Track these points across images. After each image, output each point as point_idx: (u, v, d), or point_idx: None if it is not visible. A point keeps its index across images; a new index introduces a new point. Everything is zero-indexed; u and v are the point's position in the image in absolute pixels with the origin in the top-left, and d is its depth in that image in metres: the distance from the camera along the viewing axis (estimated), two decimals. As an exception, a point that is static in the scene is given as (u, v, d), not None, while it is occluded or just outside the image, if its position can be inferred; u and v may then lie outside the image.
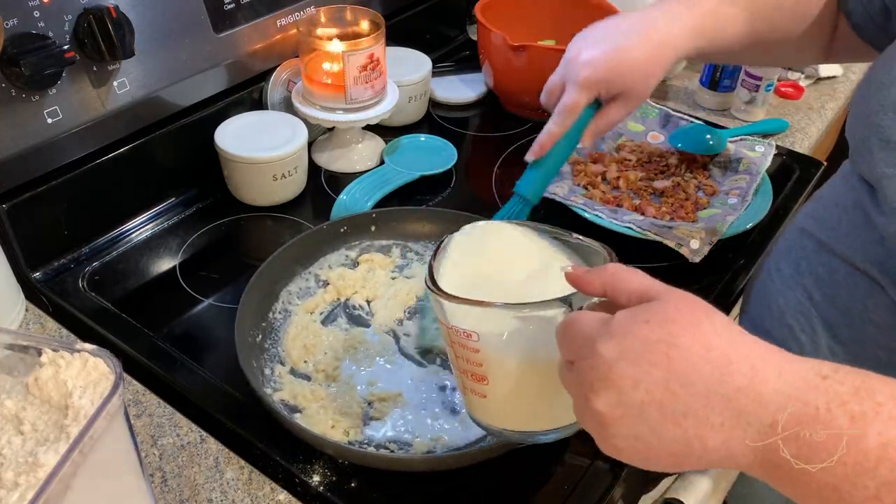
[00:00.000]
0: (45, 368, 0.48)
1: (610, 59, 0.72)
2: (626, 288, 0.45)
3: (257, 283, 0.74)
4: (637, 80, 0.73)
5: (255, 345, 0.72)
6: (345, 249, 0.84)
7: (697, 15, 0.74)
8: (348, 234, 0.83)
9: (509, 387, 0.53)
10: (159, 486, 0.64)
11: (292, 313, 0.78)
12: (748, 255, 0.89)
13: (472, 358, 0.53)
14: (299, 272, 0.80)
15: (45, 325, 0.78)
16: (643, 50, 0.72)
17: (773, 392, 0.39)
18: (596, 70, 0.72)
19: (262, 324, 0.75)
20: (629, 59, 0.72)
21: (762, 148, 1.02)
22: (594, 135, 0.77)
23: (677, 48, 0.74)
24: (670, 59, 0.74)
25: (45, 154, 0.77)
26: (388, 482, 0.64)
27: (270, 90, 0.99)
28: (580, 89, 0.73)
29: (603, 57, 0.72)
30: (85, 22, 0.73)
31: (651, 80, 0.74)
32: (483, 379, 0.53)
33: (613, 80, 0.73)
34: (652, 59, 0.73)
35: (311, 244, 0.81)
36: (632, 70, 0.73)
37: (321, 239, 0.82)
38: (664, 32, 0.73)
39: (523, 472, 0.66)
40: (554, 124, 0.75)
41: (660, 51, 0.73)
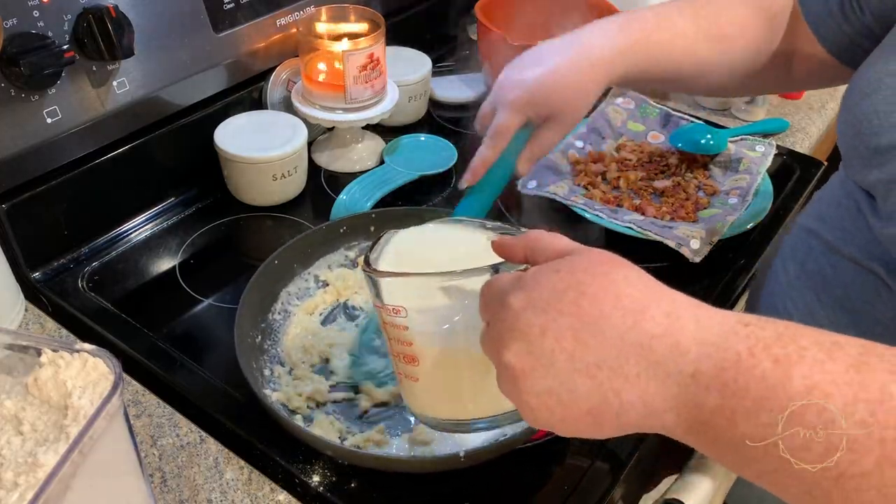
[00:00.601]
0: (45, 368, 0.48)
1: (539, 81, 0.71)
2: (545, 249, 0.45)
3: (256, 283, 0.74)
4: (567, 101, 0.72)
5: (255, 346, 0.72)
6: (344, 250, 0.83)
7: (631, 36, 0.73)
8: (347, 234, 0.83)
9: (440, 367, 0.53)
10: (159, 486, 0.64)
11: (292, 314, 0.78)
12: (748, 255, 0.89)
13: (402, 337, 0.52)
14: (299, 273, 0.80)
15: (45, 325, 0.78)
16: (574, 71, 0.71)
17: (691, 340, 0.37)
18: (524, 92, 0.71)
19: (262, 325, 0.75)
20: (559, 80, 0.71)
21: (762, 148, 1.02)
22: (529, 160, 0.75)
23: (608, 70, 0.72)
24: (603, 79, 0.72)
25: (45, 154, 0.77)
26: (388, 482, 0.64)
27: (270, 90, 0.99)
28: (510, 111, 0.72)
29: (531, 79, 0.72)
30: (84, 22, 0.73)
31: (581, 102, 0.73)
32: (414, 360, 0.53)
33: (543, 102, 0.72)
34: (581, 81, 0.72)
35: (310, 244, 0.81)
36: (561, 91, 0.71)
37: (320, 239, 0.82)
38: (595, 54, 0.72)
39: (523, 473, 0.66)
40: (486, 148, 0.73)
41: (592, 71, 0.72)
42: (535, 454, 0.66)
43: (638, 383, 0.38)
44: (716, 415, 0.36)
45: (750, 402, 0.35)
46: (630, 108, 1.09)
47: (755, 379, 0.35)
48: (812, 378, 0.34)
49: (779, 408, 0.35)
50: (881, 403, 0.33)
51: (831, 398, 0.34)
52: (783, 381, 0.35)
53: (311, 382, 0.70)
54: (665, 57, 0.74)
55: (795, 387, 0.34)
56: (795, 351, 0.35)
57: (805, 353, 0.35)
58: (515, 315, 0.41)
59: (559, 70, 0.71)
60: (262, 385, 0.68)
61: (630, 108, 1.09)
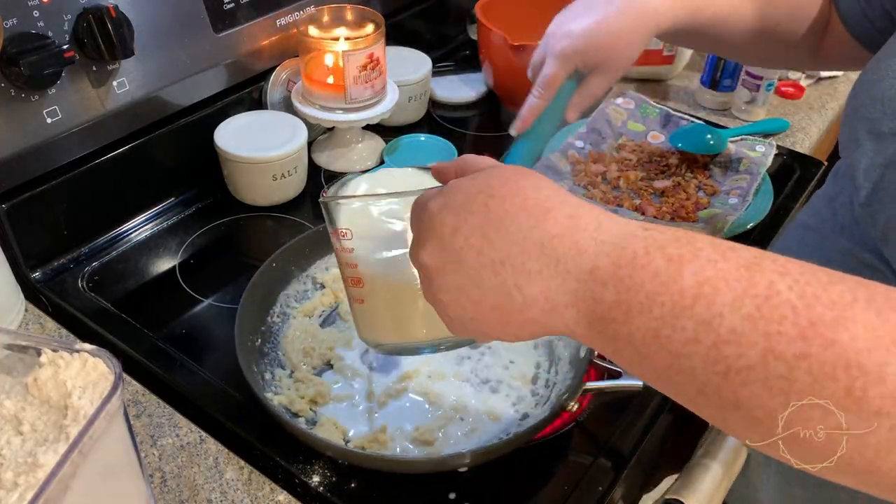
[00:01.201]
0: (45, 369, 0.48)
1: (587, 31, 0.72)
2: (472, 166, 0.48)
3: (255, 287, 0.74)
4: (615, 50, 0.73)
5: (255, 349, 0.72)
6: None
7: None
8: None
9: (382, 288, 0.56)
10: (159, 486, 0.64)
11: (290, 317, 0.77)
12: (748, 255, 0.89)
13: (349, 259, 0.55)
14: (297, 275, 0.80)
15: (45, 326, 0.78)
16: (621, 20, 0.72)
17: (590, 240, 0.39)
18: (573, 41, 0.72)
19: (262, 328, 0.74)
20: (607, 29, 0.72)
21: (763, 148, 1.02)
22: (577, 108, 0.77)
23: (657, 18, 0.73)
24: (650, 28, 0.73)
25: (45, 154, 0.77)
26: (388, 482, 0.64)
27: (270, 90, 0.99)
28: (558, 61, 0.73)
29: (580, 29, 0.73)
30: (84, 22, 0.73)
31: (630, 51, 0.74)
32: (359, 282, 0.56)
33: (591, 51, 0.73)
34: (630, 29, 0.72)
35: (307, 247, 0.80)
36: (610, 40, 0.72)
37: (318, 241, 0.81)
38: (642, 3, 0.72)
39: (523, 473, 0.66)
40: (535, 97, 0.75)
41: (639, 20, 0.72)
42: (535, 454, 0.66)
43: (539, 279, 0.40)
44: (612, 309, 0.38)
45: (643, 296, 0.37)
46: (630, 108, 1.09)
47: (649, 275, 0.37)
48: (703, 274, 0.36)
49: (670, 302, 0.36)
50: (767, 299, 0.34)
51: (720, 293, 0.35)
52: (675, 277, 0.36)
53: (312, 385, 0.70)
54: (712, 12, 0.74)
55: (687, 282, 0.36)
56: (690, 251, 0.37)
57: (699, 253, 0.37)
58: (431, 216, 0.43)
59: (607, 19, 0.72)
60: (263, 389, 0.68)
61: (630, 108, 1.09)
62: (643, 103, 1.10)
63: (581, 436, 0.69)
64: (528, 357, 0.74)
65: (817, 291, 0.34)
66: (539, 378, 0.72)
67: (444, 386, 0.71)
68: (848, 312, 0.33)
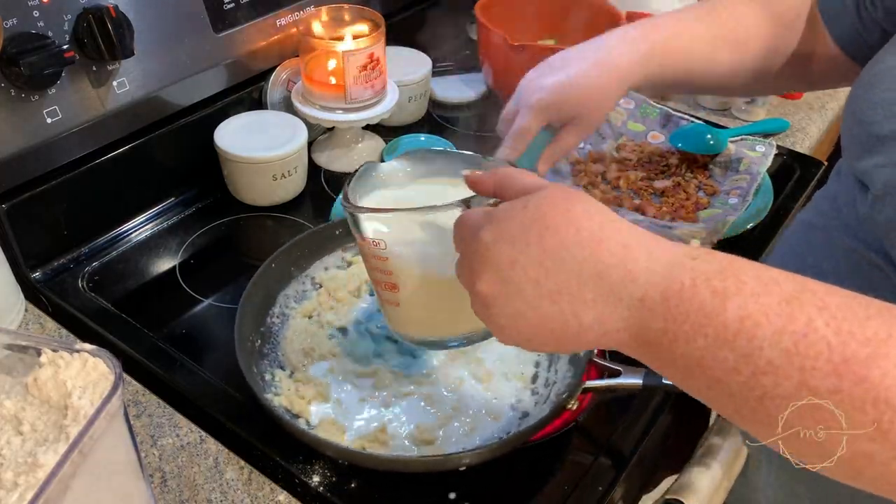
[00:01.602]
0: (45, 369, 0.48)
1: (560, 85, 0.74)
2: (513, 185, 0.49)
3: (254, 287, 0.74)
4: (588, 105, 0.74)
5: (255, 350, 0.72)
6: (341, 251, 0.83)
7: (651, 43, 0.74)
8: (343, 236, 0.83)
9: (418, 293, 0.58)
10: (159, 486, 0.64)
11: (290, 317, 0.77)
12: (748, 255, 0.89)
13: (383, 267, 0.56)
14: (296, 276, 0.80)
15: (45, 326, 0.78)
16: (594, 76, 0.73)
17: (643, 269, 0.41)
18: (546, 94, 0.74)
19: (261, 328, 0.74)
20: (578, 84, 0.73)
21: (763, 148, 1.02)
22: (549, 160, 0.78)
23: (627, 75, 0.74)
24: (621, 85, 0.75)
25: (45, 154, 0.77)
26: (388, 482, 0.64)
27: (270, 90, 0.99)
28: (531, 113, 0.74)
29: (553, 83, 0.74)
30: (84, 22, 0.73)
31: (602, 106, 0.75)
32: (394, 287, 0.58)
33: (563, 105, 0.74)
34: (600, 85, 0.74)
35: (306, 247, 0.80)
36: (581, 95, 0.74)
37: (317, 241, 0.81)
38: (616, 60, 0.74)
39: (523, 473, 0.66)
40: (508, 149, 0.76)
41: (610, 77, 0.74)
42: (535, 454, 0.66)
43: (595, 307, 0.42)
44: (660, 336, 0.41)
45: (688, 327, 0.39)
46: (630, 108, 1.09)
47: (694, 307, 0.39)
48: (746, 309, 0.38)
49: (713, 334, 0.39)
50: (805, 336, 0.37)
51: (761, 327, 0.38)
52: (719, 310, 0.39)
53: (312, 385, 0.70)
54: (683, 62, 0.76)
55: (730, 316, 0.38)
56: (734, 285, 0.39)
57: (743, 287, 0.39)
58: (486, 247, 0.45)
59: (581, 75, 0.74)
60: (263, 390, 0.68)
61: (630, 108, 1.09)
62: (643, 103, 1.10)
63: (581, 436, 0.69)
64: (527, 356, 0.73)
65: (853, 328, 0.37)
66: (539, 377, 0.72)
67: (444, 385, 0.71)
68: (882, 349, 0.36)
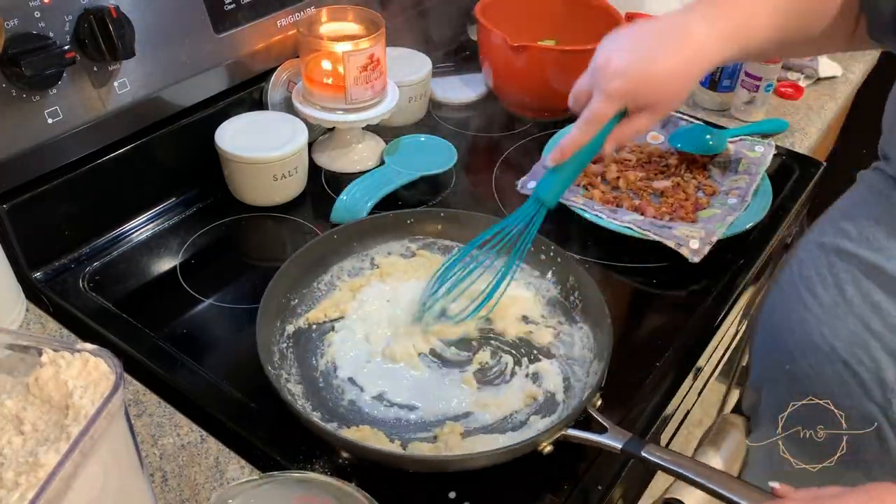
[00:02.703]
0: (46, 368, 0.48)
1: (641, 71, 0.69)
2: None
3: (311, 250, 0.79)
4: (667, 92, 0.71)
5: (288, 307, 0.75)
6: (408, 241, 0.86)
7: (732, 21, 0.71)
8: (415, 225, 0.85)
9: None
10: (159, 485, 0.64)
11: (336, 288, 0.80)
12: (748, 256, 0.90)
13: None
14: (357, 252, 0.84)
15: (46, 325, 0.79)
16: (675, 61, 0.69)
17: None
18: (626, 82, 0.70)
19: (304, 290, 0.78)
20: (661, 70, 0.69)
21: (762, 148, 1.02)
22: (616, 142, 0.74)
23: (710, 57, 0.70)
24: (702, 69, 0.71)
25: (46, 154, 0.77)
26: (387, 482, 0.64)
27: (271, 90, 0.99)
28: (608, 100, 0.71)
29: (633, 68, 0.69)
30: (85, 22, 0.73)
31: (682, 94, 0.72)
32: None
33: (642, 93, 0.70)
34: (683, 73, 0.70)
35: (376, 227, 0.85)
36: (663, 82, 0.70)
37: (387, 225, 0.85)
38: (698, 41, 0.69)
39: (524, 472, 0.66)
40: (579, 131, 0.72)
41: (692, 62, 0.70)
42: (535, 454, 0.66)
43: None
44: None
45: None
46: (630, 109, 1.09)
47: None
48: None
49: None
50: None
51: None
52: None
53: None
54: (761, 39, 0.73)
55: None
56: None
57: None
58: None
59: (662, 60, 0.69)
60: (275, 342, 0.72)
61: (630, 108, 1.09)
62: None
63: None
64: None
65: None
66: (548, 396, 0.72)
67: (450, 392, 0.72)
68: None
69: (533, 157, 1.00)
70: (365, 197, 0.92)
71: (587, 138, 0.72)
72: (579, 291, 0.78)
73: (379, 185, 0.95)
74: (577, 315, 0.78)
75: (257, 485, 0.53)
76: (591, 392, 0.66)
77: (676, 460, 0.59)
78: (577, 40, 1.07)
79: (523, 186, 0.94)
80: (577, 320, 0.77)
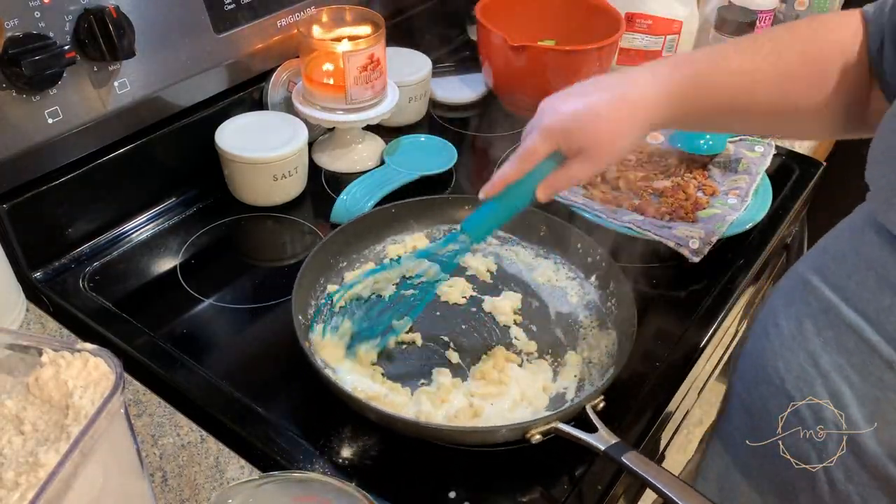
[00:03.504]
0: (46, 368, 0.48)
1: (575, 112, 0.68)
2: None
3: (368, 219, 0.85)
4: (601, 138, 0.68)
5: (334, 267, 0.82)
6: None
7: (683, 75, 0.69)
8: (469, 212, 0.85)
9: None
10: (160, 485, 0.64)
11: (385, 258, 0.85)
12: (748, 256, 0.90)
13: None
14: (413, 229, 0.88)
15: (46, 325, 0.79)
16: (611, 110, 0.68)
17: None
18: (559, 120, 0.69)
19: (354, 255, 0.82)
20: (595, 114, 0.68)
21: (762, 148, 1.02)
22: (550, 188, 0.72)
23: (650, 113, 0.69)
24: (641, 123, 0.69)
25: (46, 154, 0.77)
26: (388, 481, 0.64)
27: (271, 90, 0.99)
28: (540, 137, 0.70)
29: (568, 107, 0.69)
30: (85, 22, 0.73)
31: (618, 142, 0.69)
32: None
33: (575, 133, 0.68)
34: (619, 120, 0.68)
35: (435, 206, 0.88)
36: (595, 128, 0.68)
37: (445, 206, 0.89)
38: (638, 94, 0.68)
39: (524, 470, 0.66)
40: (510, 166, 0.71)
41: (630, 113, 0.68)
42: (535, 452, 0.66)
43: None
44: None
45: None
46: (630, 109, 1.09)
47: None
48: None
49: None
50: None
51: None
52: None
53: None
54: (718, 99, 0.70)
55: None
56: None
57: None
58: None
59: (598, 106, 0.68)
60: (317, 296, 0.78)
61: (630, 108, 1.09)
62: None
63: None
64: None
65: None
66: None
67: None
68: None
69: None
70: (365, 197, 0.93)
71: (517, 175, 0.71)
72: (616, 299, 0.78)
73: (379, 185, 0.95)
74: (609, 321, 0.78)
75: (257, 485, 0.53)
76: (592, 392, 0.66)
77: (654, 473, 0.59)
78: (577, 40, 1.07)
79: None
80: (609, 326, 0.78)
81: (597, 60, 1.08)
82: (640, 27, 1.20)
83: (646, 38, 1.21)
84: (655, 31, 1.20)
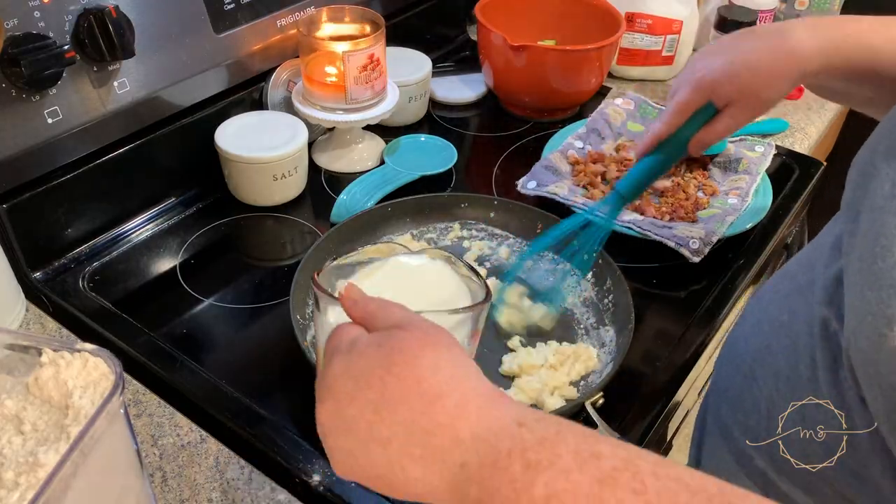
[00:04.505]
0: (46, 368, 0.48)
1: (727, 63, 0.68)
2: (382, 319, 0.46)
3: (367, 216, 0.85)
4: (753, 88, 0.68)
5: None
6: (458, 225, 0.89)
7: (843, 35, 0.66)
8: (467, 210, 0.89)
9: None
10: (159, 485, 0.64)
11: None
12: (748, 256, 0.90)
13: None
14: (409, 227, 0.88)
15: (46, 325, 0.79)
16: (765, 58, 0.67)
17: (468, 433, 0.39)
18: (711, 72, 0.68)
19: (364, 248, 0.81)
20: (747, 65, 0.67)
21: (762, 148, 1.02)
22: (702, 143, 0.72)
23: (805, 62, 0.66)
24: (795, 71, 0.67)
25: (46, 154, 0.77)
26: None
27: (271, 90, 0.99)
28: (691, 89, 0.69)
29: (722, 60, 0.68)
30: (85, 22, 0.73)
31: (769, 92, 0.68)
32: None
33: (727, 84, 0.68)
34: (773, 70, 0.67)
35: (430, 206, 0.88)
36: (749, 77, 0.67)
37: (441, 205, 0.89)
38: (794, 44, 0.66)
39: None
40: (661, 122, 0.71)
41: (785, 62, 0.67)
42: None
43: (422, 463, 0.40)
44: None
45: (500, 500, 0.37)
46: (629, 109, 1.09)
47: (506, 480, 0.37)
48: (554, 486, 0.35)
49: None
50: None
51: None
52: (528, 486, 0.36)
53: None
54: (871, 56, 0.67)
55: (537, 492, 0.36)
56: (548, 458, 0.36)
57: (556, 461, 0.36)
58: (334, 377, 0.43)
59: (751, 55, 0.67)
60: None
61: (630, 108, 1.09)
62: (643, 104, 1.10)
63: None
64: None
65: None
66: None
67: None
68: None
69: (533, 157, 1.00)
70: (365, 197, 0.93)
71: (668, 129, 0.71)
72: (613, 295, 0.78)
73: (379, 185, 0.95)
74: (606, 318, 0.78)
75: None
76: (591, 389, 0.66)
77: None
78: (577, 40, 1.08)
79: (523, 186, 0.94)
80: (606, 323, 0.78)
81: (597, 60, 1.08)
82: (640, 27, 1.20)
83: (646, 38, 1.21)
84: (655, 31, 1.20)
